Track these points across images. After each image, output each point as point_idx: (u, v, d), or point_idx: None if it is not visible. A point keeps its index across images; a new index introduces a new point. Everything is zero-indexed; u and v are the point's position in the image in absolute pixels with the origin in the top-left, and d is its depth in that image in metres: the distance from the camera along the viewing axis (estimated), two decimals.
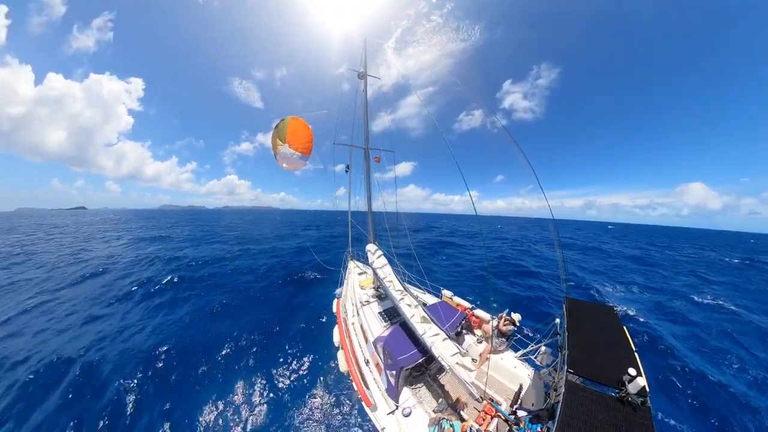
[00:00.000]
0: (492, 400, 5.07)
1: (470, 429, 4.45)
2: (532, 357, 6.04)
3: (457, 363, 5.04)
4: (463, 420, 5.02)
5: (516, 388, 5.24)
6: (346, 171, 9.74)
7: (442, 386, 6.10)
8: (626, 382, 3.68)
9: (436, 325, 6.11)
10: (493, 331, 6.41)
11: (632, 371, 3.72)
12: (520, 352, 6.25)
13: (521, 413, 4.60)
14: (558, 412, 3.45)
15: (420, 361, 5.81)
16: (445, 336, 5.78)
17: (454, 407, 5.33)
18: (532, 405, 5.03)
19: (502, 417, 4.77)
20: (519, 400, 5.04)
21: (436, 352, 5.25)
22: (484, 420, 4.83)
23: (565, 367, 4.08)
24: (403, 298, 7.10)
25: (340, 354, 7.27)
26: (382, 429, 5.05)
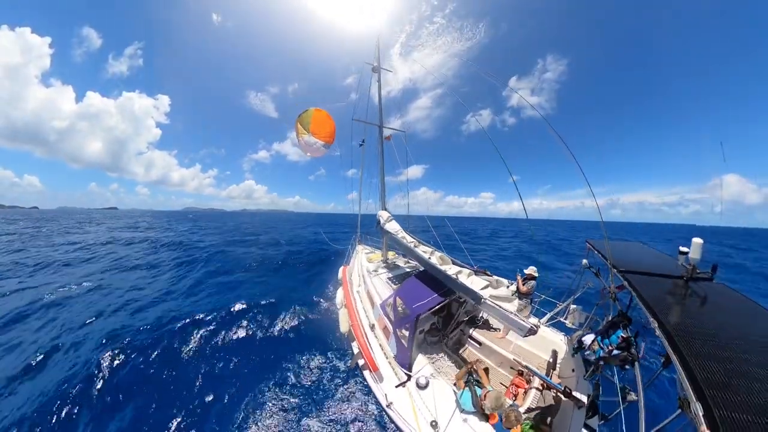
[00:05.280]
0: (523, 372, 4.39)
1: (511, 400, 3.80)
2: (561, 318, 5.06)
3: (491, 296, 4.19)
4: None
5: (548, 357, 4.53)
6: (360, 145, 11.25)
7: (464, 359, 5.32)
8: (684, 262, 3.20)
9: (457, 264, 5.58)
10: (513, 295, 5.92)
11: (683, 248, 3.23)
12: (546, 317, 5.23)
13: (588, 338, 3.58)
14: (642, 306, 2.71)
15: (437, 306, 4.91)
16: (471, 271, 5.10)
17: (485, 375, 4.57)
18: (572, 370, 4.28)
19: (544, 385, 4.08)
20: (557, 367, 4.38)
21: (465, 282, 4.57)
22: (516, 395, 4.14)
23: (614, 271, 3.43)
24: (418, 246, 6.74)
25: (342, 312, 6.60)
26: (389, 404, 4.00)
